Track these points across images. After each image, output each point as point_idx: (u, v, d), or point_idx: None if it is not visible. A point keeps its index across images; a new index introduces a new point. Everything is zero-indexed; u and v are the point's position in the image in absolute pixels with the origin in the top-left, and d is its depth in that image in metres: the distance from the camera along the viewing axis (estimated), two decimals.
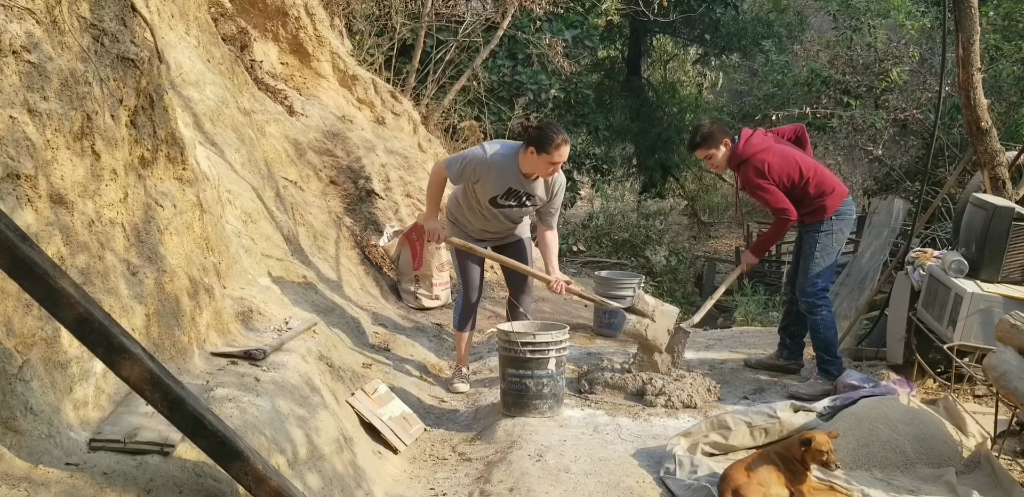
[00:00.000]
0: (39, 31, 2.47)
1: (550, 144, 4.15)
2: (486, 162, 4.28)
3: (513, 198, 4.41)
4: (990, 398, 4.00)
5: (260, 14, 6.83)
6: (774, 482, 3.31)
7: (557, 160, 4.21)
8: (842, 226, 4.71)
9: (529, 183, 4.37)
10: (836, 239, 4.69)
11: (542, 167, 4.25)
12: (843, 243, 4.79)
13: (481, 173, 4.30)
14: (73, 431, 2.29)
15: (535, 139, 4.18)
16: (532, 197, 4.43)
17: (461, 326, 4.77)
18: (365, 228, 6.35)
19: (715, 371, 5.05)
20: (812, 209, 4.65)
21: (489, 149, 4.33)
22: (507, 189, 4.36)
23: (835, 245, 4.70)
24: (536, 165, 4.25)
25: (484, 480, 3.53)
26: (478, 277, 4.66)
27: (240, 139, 5.14)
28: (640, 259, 10.31)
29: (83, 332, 2.09)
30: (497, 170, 4.30)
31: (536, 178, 4.36)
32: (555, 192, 4.49)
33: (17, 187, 2.27)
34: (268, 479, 2.31)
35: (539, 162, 4.22)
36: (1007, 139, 7.07)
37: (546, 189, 4.45)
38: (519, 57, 10.79)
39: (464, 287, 4.68)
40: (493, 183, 4.33)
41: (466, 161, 4.31)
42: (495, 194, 4.38)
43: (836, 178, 4.79)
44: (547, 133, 4.17)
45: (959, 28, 4.80)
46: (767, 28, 16.72)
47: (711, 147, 4.68)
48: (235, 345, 3.39)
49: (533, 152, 4.19)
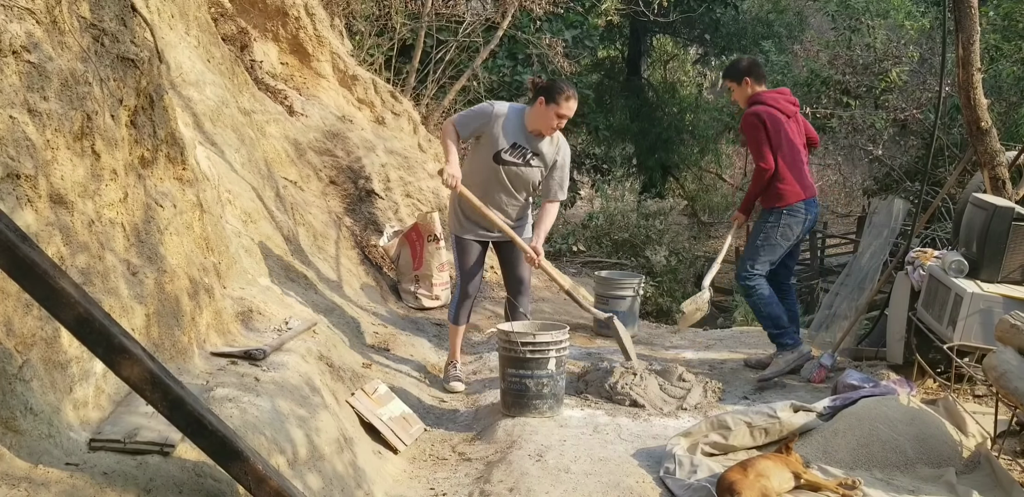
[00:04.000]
0: (39, 31, 2.47)
1: (560, 94, 4.28)
2: (494, 111, 4.41)
3: (518, 154, 4.44)
4: (990, 398, 4.00)
5: (260, 14, 6.83)
6: (774, 472, 3.32)
7: (565, 112, 4.32)
8: (792, 223, 4.83)
9: (535, 141, 4.44)
10: (782, 234, 4.83)
11: (549, 119, 4.33)
12: (789, 240, 4.89)
13: (489, 123, 4.38)
14: (73, 431, 2.29)
15: (546, 89, 4.32)
16: (537, 156, 4.47)
17: (457, 319, 4.76)
18: (365, 228, 6.35)
19: (715, 371, 5.05)
20: (769, 193, 4.81)
21: (496, 103, 4.48)
22: (512, 143, 4.42)
23: (780, 240, 4.85)
24: (543, 116, 4.33)
25: (484, 480, 3.53)
26: (477, 268, 4.65)
27: (240, 139, 5.14)
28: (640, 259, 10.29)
29: (83, 332, 2.09)
30: (504, 120, 4.39)
31: (541, 138, 4.44)
32: (561, 158, 4.53)
33: (17, 187, 2.27)
34: (268, 479, 2.31)
35: (547, 113, 4.31)
36: (1007, 139, 7.07)
37: (551, 148, 4.49)
38: (519, 57, 10.79)
39: (460, 279, 4.68)
40: (499, 134, 4.39)
41: (475, 112, 4.45)
42: (501, 147, 4.41)
43: (811, 181, 4.97)
44: (558, 84, 4.34)
45: (959, 28, 4.80)
46: (767, 28, 16.72)
47: (731, 79, 4.95)
48: (235, 345, 3.39)
49: (542, 102, 4.31)
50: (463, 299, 4.71)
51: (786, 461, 3.43)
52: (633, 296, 6.00)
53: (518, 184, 4.52)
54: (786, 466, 3.39)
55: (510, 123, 4.39)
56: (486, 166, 4.44)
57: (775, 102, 4.83)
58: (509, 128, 4.39)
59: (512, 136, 4.40)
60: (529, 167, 4.48)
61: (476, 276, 4.67)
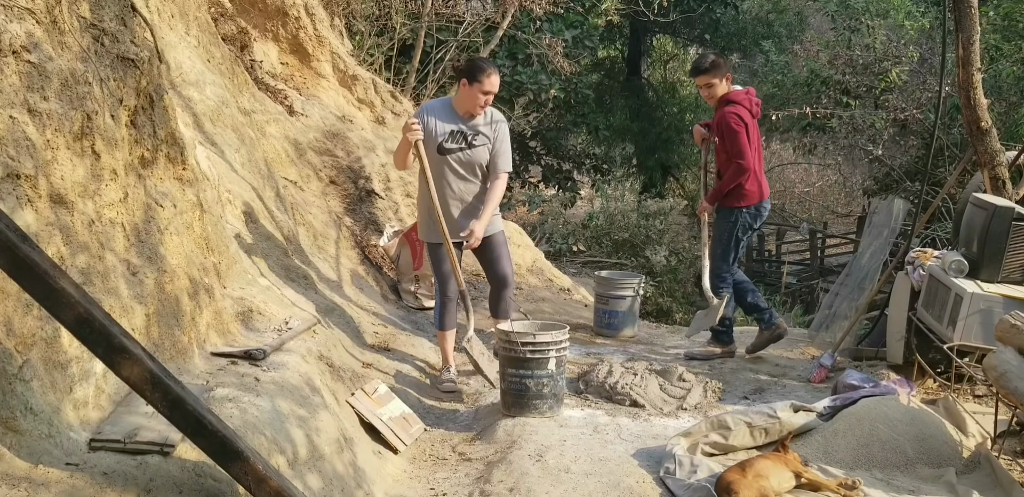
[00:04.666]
0: (39, 31, 2.47)
1: (481, 72, 4.37)
2: (422, 111, 4.53)
3: (459, 139, 4.52)
4: (990, 398, 4.00)
5: (260, 14, 6.83)
6: (773, 472, 3.32)
7: (488, 89, 4.40)
8: (752, 223, 5.06)
9: (469, 122, 4.52)
10: (744, 232, 5.06)
11: (475, 98, 4.42)
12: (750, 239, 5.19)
13: (423, 121, 4.45)
14: (73, 431, 2.29)
15: (466, 71, 4.42)
16: (477, 135, 4.54)
17: (442, 324, 4.75)
18: (365, 228, 6.35)
19: (715, 371, 5.05)
20: (734, 192, 5.00)
21: (424, 105, 4.64)
22: (449, 131, 4.49)
23: (743, 238, 5.09)
24: (469, 97, 4.42)
25: (484, 480, 3.53)
26: (450, 269, 4.60)
27: (240, 139, 5.14)
28: (640, 259, 10.29)
29: (83, 332, 2.09)
30: (433, 113, 4.50)
31: (473, 117, 4.51)
32: (500, 131, 4.59)
33: (17, 187, 2.27)
34: (268, 479, 2.31)
35: (472, 93, 4.40)
36: (1007, 139, 7.07)
37: (487, 124, 4.56)
38: (519, 57, 10.78)
39: (439, 282, 4.68)
40: (434, 127, 4.47)
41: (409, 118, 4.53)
42: (440, 138, 4.48)
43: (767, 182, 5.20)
44: (477, 64, 4.47)
45: (959, 28, 4.80)
46: (767, 28, 16.71)
47: (716, 75, 5.00)
48: (235, 345, 3.39)
49: (465, 84, 4.40)
50: (445, 303, 4.71)
51: (785, 461, 3.43)
52: (633, 296, 6.00)
53: (468, 169, 4.57)
54: (786, 466, 3.39)
55: (440, 113, 4.51)
56: (434, 162, 4.50)
57: (748, 103, 5.00)
58: (441, 118, 4.49)
59: (446, 124, 4.50)
60: (474, 148, 4.54)
61: (450, 277, 4.64)
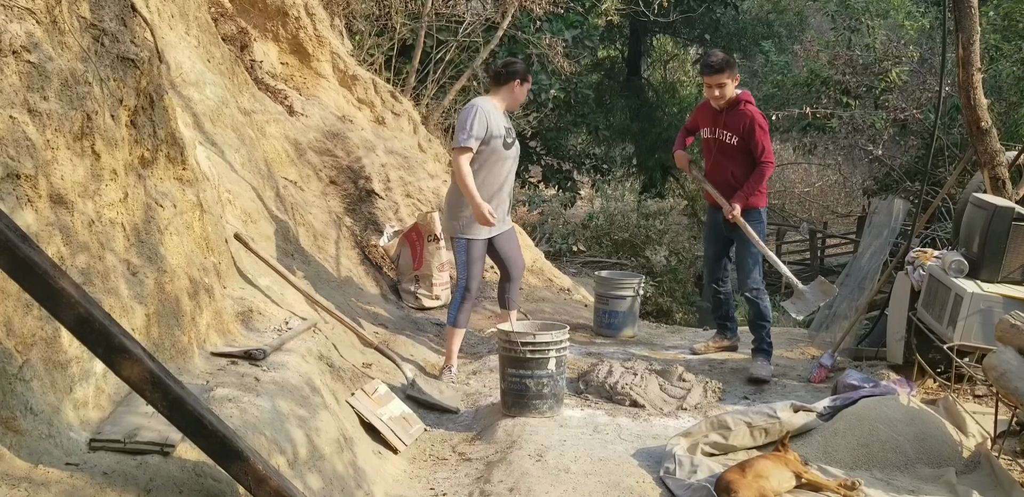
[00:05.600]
0: (39, 31, 2.47)
1: (527, 72, 4.73)
2: (484, 108, 4.58)
3: (510, 134, 4.72)
4: (990, 398, 4.00)
5: (260, 14, 6.82)
6: (773, 472, 3.32)
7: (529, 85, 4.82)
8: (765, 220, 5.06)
9: (507, 118, 4.79)
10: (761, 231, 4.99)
11: (524, 96, 4.79)
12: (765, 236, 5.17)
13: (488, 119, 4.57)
14: (73, 431, 2.29)
15: (518, 72, 4.68)
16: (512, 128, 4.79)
17: (457, 321, 4.77)
18: (365, 228, 6.35)
19: (715, 371, 5.05)
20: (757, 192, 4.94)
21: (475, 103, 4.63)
22: (505, 128, 4.68)
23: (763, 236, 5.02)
24: (522, 95, 4.76)
25: (484, 480, 3.53)
26: (482, 267, 4.82)
27: (240, 139, 5.14)
28: (640, 259, 10.30)
29: (83, 332, 2.09)
30: (490, 112, 4.62)
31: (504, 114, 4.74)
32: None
33: (17, 187, 2.27)
34: (268, 479, 2.31)
35: (523, 91, 4.75)
36: (1007, 139, 7.07)
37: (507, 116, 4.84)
38: (519, 57, 10.76)
39: (468, 280, 4.69)
40: (496, 125, 4.61)
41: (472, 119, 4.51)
42: (502, 135, 4.63)
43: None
44: (520, 64, 4.76)
45: (959, 28, 4.80)
46: (767, 28, 16.72)
47: (731, 75, 4.82)
48: (235, 345, 3.39)
49: (518, 84, 4.69)
50: (466, 300, 4.72)
51: (785, 461, 3.43)
52: (633, 296, 5.99)
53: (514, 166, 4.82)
54: (785, 466, 3.39)
55: (492, 112, 4.63)
56: (500, 158, 4.63)
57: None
58: (493, 117, 4.63)
59: (500, 122, 4.67)
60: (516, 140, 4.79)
61: (480, 275, 4.80)
